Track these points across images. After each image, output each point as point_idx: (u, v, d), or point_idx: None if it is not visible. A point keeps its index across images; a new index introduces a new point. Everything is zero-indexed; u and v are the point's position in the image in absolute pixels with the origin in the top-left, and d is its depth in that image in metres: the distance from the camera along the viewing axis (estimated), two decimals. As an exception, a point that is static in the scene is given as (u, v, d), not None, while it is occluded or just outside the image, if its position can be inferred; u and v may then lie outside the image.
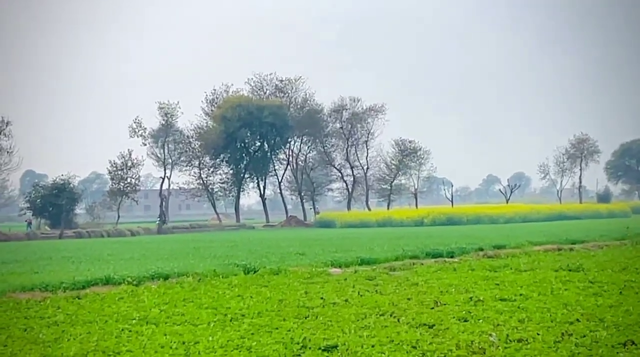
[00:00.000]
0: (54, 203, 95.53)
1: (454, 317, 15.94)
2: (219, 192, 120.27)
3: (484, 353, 12.22)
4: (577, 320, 15.11)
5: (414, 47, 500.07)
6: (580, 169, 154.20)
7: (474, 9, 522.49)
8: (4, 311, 19.03)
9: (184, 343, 13.80)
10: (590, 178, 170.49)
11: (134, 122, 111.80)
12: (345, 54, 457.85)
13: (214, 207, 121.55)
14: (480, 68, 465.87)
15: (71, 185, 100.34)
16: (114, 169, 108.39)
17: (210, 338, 14.27)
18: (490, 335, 13.74)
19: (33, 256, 41.73)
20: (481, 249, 36.77)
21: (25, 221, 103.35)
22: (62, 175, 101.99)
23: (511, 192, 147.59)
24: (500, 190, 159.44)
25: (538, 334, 13.65)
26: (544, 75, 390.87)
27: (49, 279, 24.94)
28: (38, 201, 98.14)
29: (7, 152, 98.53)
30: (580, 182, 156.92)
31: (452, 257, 33.74)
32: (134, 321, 16.77)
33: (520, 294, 19.21)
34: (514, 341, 13.17)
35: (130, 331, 15.42)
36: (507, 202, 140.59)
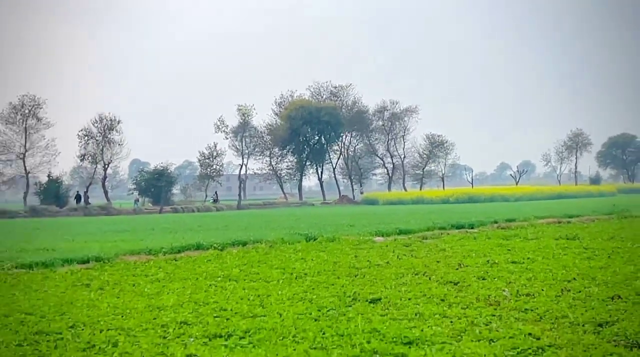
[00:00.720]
0: (155, 185, 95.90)
1: (474, 276, 15.96)
2: (285, 176, 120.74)
3: (499, 305, 12.22)
4: (574, 279, 15.08)
5: (441, 51, 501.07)
6: (576, 158, 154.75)
7: (489, 12, 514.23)
8: (117, 270, 19.24)
9: (258, 296, 13.90)
10: (584, 165, 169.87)
11: (218, 120, 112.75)
12: (384, 59, 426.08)
13: (282, 188, 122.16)
14: (495, 70, 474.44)
15: (168, 170, 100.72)
16: (203, 158, 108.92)
17: (280, 292, 14.37)
18: (504, 290, 13.75)
19: (139, 227, 41.94)
20: (496, 222, 36.63)
21: (133, 199, 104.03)
22: (162, 163, 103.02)
23: (519, 176, 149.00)
24: (511, 175, 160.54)
25: (542, 290, 13.64)
26: (549, 79, 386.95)
27: (152, 245, 25.12)
28: (142, 183, 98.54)
29: (119, 144, 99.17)
30: (576, 168, 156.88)
31: (472, 228, 33.65)
32: (219, 278, 16.91)
33: (528, 258, 19.19)
34: (522, 295, 13.17)
35: (216, 286, 15.55)
36: (516, 184, 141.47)
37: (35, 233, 37.54)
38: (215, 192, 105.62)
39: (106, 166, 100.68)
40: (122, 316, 12.15)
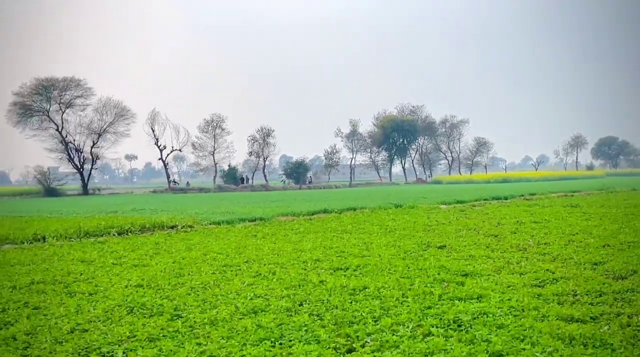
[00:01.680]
0: (296, 171, 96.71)
1: (508, 231, 15.73)
2: (380, 165, 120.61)
3: (526, 250, 12.03)
4: (577, 233, 14.75)
5: (473, 59, 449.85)
6: (577, 152, 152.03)
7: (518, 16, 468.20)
8: (273, 226, 19.49)
9: (365, 243, 13.92)
10: (582, 157, 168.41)
11: (337, 129, 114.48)
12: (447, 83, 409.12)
13: (378, 173, 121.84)
14: (527, 77, 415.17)
15: (305, 162, 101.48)
16: (327, 153, 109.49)
17: (378, 241, 14.37)
18: (529, 240, 13.53)
19: (286, 198, 42.36)
20: (522, 195, 36.05)
21: (281, 180, 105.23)
22: (300, 157, 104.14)
23: (538, 165, 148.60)
24: (532, 163, 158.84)
25: (555, 240, 13.37)
26: (559, 94, 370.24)
27: (295, 210, 25.36)
28: (288, 170, 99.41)
29: (273, 145, 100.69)
30: (577, 159, 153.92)
31: (506, 199, 33.20)
32: (338, 231, 16.99)
33: (545, 219, 18.83)
34: (542, 243, 12.93)
35: (337, 237, 15.61)
36: (536, 170, 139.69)
37: (220, 202, 38.25)
38: (310, 178, 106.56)
39: (265, 159, 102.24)
40: (277, 255, 12.32)
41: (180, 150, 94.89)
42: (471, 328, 6.30)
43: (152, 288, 9.06)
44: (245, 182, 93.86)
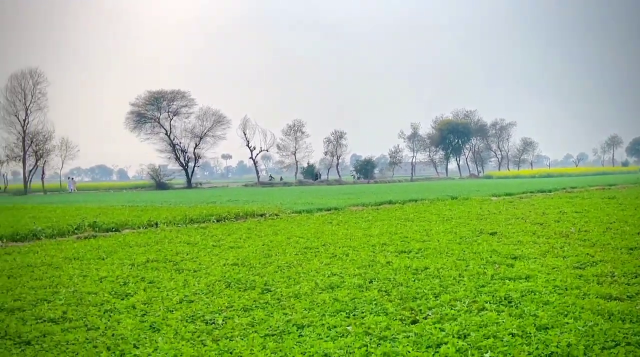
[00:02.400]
0: (365, 167, 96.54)
1: (552, 220, 15.30)
2: (437, 163, 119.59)
3: (568, 237, 11.69)
4: (614, 222, 14.24)
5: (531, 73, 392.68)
6: (613, 150, 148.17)
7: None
8: (345, 214, 19.47)
9: (425, 230, 13.78)
10: (618, 155, 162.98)
11: (400, 131, 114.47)
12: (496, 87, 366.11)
13: (436, 169, 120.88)
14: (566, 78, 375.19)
15: (372, 160, 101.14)
16: (391, 152, 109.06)
17: (437, 228, 14.21)
18: (571, 228, 13.16)
19: (356, 191, 42.35)
20: (564, 188, 35.05)
21: (352, 176, 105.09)
22: (368, 155, 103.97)
23: (578, 161, 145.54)
24: (573, 160, 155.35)
25: (594, 228, 12.95)
26: (600, 94, 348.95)
27: (364, 201, 25.29)
28: (358, 166, 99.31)
29: (344, 146, 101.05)
30: (613, 156, 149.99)
31: (550, 192, 32.30)
32: (402, 219, 16.85)
33: (585, 209, 18.25)
34: (582, 231, 12.55)
35: (400, 224, 15.50)
36: (576, 166, 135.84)
37: (301, 194, 38.48)
38: (359, 174, 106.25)
39: (338, 157, 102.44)
40: (350, 239, 12.32)
41: (267, 150, 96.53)
42: (520, 304, 6.18)
43: (246, 266, 9.20)
44: (319, 177, 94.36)
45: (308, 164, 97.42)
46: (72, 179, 77.29)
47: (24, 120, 72.50)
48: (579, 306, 6.00)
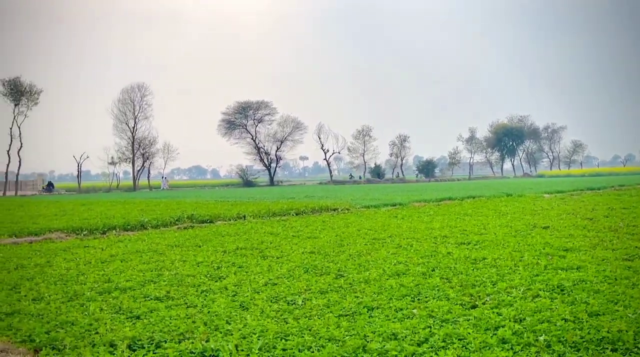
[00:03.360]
0: (426, 167, 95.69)
1: (601, 215, 14.66)
2: (493, 163, 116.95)
3: (617, 230, 11.20)
4: (660, 218, 13.63)
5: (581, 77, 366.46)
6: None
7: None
8: (409, 209, 19.25)
9: (482, 223, 13.48)
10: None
11: (459, 135, 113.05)
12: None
13: (492, 169, 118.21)
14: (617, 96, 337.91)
15: (433, 160, 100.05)
16: (451, 153, 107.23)
17: (493, 222, 13.86)
18: (619, 223, 12.60)
19: (419, 189, 41.91)
20: (612, 186, 33.56)
21: (415, 175, 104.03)
22: (430, 156, 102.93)
23: (625, 162, 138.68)
24: (620, 161, 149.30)
25: (641, 224, 12.41)
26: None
27: (425, 197, 24.95)
28: (420, 166, 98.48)
29: (408, 148, 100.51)
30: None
31: (599, 190, 30.99)
32: (461, 214, 16.52)
33: (632, 205, 17.34)
34: (630, 225, 11.97)
35: (459, 218, 15.20)
36: (624, 166, 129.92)
37: (369, 191, 38.37)
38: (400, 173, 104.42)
39: (402, 158, 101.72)
40: (413, 232, 12.18)
41: (339, 152, 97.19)
42: (572, 292, 5.96)
43: (321, 254, 9.23)
44: (383, 176, 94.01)
45: (375, 164, 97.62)
46: (165, 178, 79.61)
47: (133, 128, 75.99)
48: (628, 295, 5.73)
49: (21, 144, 65.21)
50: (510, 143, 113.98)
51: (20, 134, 64.89)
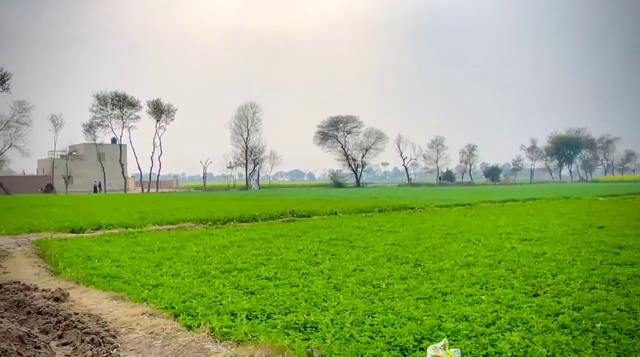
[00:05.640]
0: (492, 173, 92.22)
1: (655, 217, 13.64)
2: (552, 169, 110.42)
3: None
4: None
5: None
6: None
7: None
8: (477, 209, 18.65)
9: (542, 222, 12.83)
10: None
11: (521, 144, 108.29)
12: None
13: (551, 174, 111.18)
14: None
15: (498, 166, 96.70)
16: (514, 161, 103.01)
17: (553, 221, 13.18)
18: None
19: (485, 191, 40.43)
20: (665, 192, 31.04)
21: (483, 178, 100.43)
22: (495, 163, 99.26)
23: None
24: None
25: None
26: None
27: (491, 199, 24.02)
28: (486, 172, 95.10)
29: (475, 156, 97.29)
30: None
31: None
32: (523, 214, 15.81)
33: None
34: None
35: (521, 217, 14.55)
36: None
37: (442, 193, 37.49)
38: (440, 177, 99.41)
39: (470, 165, 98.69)
40: (481, 228, 11.78)
41: (415, 159, 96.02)
42: (626, 285, 5.57)
43: (401, 246, 9.14)
44: (453, 180, 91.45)
45: (447, 169, 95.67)
46: (256, 179, 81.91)
47: (246, 139, 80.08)
48: (681, 290, 5.30)
49: (161, 151, 71.54)
50: (568, 151, 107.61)
51: (160, 143, 70.64)
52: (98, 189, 65.86)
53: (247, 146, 79.65)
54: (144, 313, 5.00)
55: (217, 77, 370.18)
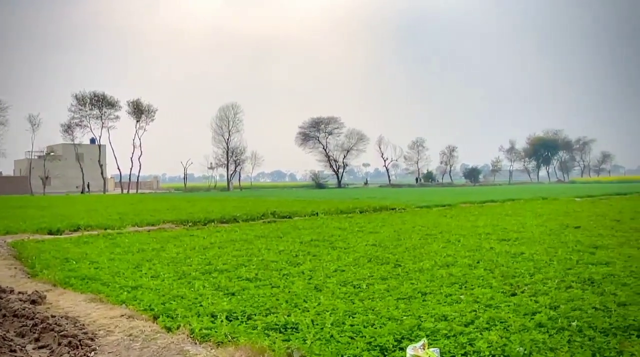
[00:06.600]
0: (472, 173, 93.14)
1: (628, 217, 13.80)
2: (530, 170, 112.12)
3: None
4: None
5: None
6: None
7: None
8: (457, 210, 18.78)
9: (520, 223, 13.01)
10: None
11: (500, 145, 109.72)
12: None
13: (529, 175, 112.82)
14: None
15: (477, 168, 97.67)
16: (493, 162, 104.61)
17: (530, 222, 13.36)
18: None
19: (465, 192, 40.81)
20: (638, 192, 31.60)
21: (462, 179, 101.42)
22: (474, 164, 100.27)
23: None
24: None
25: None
26: None
27: (471, 199, 24.28)
28: (466, 173, 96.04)
29: (455, 157, 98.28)
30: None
31: (625, 194, 29.28)
32: (501, 214, 15.97)
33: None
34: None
35: (500, 218, 14.71)
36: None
37: (422, 194, 37.80)
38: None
39: (451, 166, 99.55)
40: (460, 229, 11.90)
41: (396, 160, 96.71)
42: (602, 285, 5.67)
43: (382, 247, 9.18)
44: (434, 181, 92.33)
45: (427, 171, 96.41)
46: (231, 181, 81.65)
47: (227, 139, 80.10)
48: (654, 289, 5.42)
49: (141, 152, 70.45)
50: (546, 153, 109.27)
51: (140, 144, 69.61)
52: (87, 189, 65.28)
53: (228, 147, 79.45)
54: (122, 315, 4.94)
55: (198, 78, 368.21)
